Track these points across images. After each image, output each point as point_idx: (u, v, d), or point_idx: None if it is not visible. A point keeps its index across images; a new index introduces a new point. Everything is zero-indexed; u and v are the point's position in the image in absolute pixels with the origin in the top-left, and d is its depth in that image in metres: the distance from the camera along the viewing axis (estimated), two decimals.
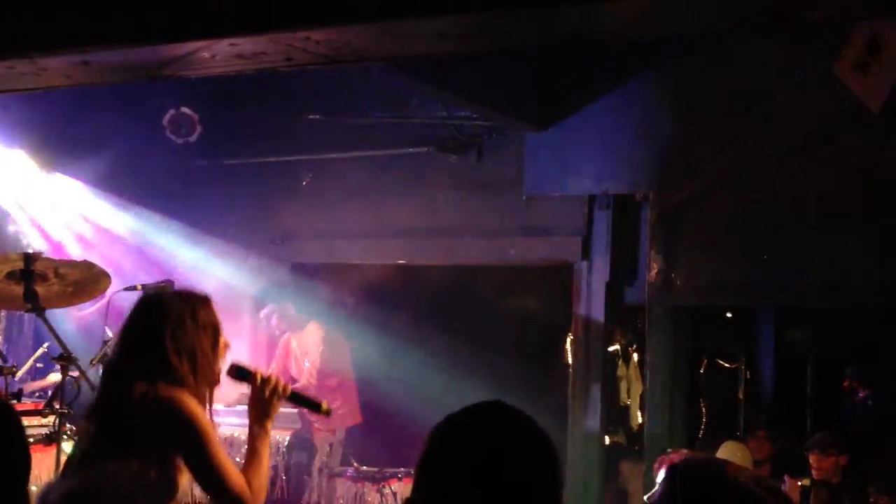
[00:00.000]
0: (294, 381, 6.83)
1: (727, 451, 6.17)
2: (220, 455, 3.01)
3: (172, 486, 3.02)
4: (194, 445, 2.98)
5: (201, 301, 3.18)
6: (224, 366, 3.21)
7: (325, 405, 3.29)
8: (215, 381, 3.15)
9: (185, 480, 3.06)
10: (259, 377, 3.20)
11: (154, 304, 3.18)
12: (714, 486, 2.20)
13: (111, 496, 2.93)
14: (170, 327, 3.07)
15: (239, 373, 3.25)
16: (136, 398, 2.97)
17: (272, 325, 6.96)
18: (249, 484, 3.04)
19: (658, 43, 6.20)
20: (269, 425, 3.18)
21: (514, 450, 1.93)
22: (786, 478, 5.96)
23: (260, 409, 3.19)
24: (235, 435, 6.21)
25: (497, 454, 1.92)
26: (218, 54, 3.41)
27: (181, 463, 3.01)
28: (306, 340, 6.75)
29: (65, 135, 6.97)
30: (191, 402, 3.00)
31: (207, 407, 3.10)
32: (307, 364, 6.69)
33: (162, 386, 3.00)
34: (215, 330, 3.17)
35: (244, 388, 7.16)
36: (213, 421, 3.09)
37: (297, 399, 3.32)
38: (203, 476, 3.00)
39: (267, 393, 3.17)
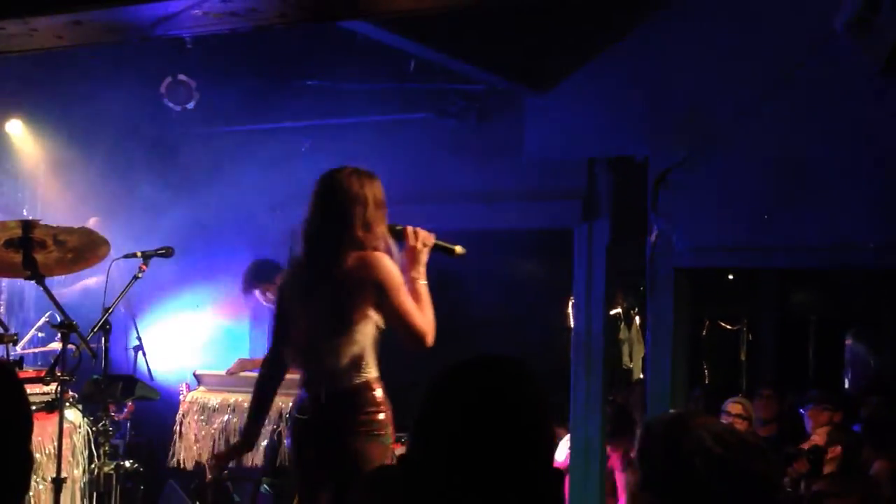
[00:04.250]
0: None
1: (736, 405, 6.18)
2: (409, 299, 3.85)
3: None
4: (393, 292, 3.82)
5: (377, 182, 4.04)
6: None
7: (458, 248, 4.15)
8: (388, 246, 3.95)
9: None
10: (409, 231, 4.03)
11: (344, 182, 4.00)
12: (676, 441, 2.16)
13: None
14: (359, 206, 3.90)
15: (394, 232, 4.01)
16: (350, 262, 3.82)
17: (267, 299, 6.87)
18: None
19: None
20: (423, 269, 3.99)
21: (506, 405, 1.91)
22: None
23: (413, 257, 4.00)
24: (239, 400, 6.24)
25: (491, 407, 1.90)
26: (211, 12, 3.37)
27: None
28: None
29: (59, 101, 6.91)
30: (385, 258, 3.85)
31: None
32: None
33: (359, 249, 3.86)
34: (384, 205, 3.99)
35: (242, 355, 7.10)
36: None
37: (438, 247, 4.10)
38: (396, 317, 3.84)
39: (418, 244, 4.01)
